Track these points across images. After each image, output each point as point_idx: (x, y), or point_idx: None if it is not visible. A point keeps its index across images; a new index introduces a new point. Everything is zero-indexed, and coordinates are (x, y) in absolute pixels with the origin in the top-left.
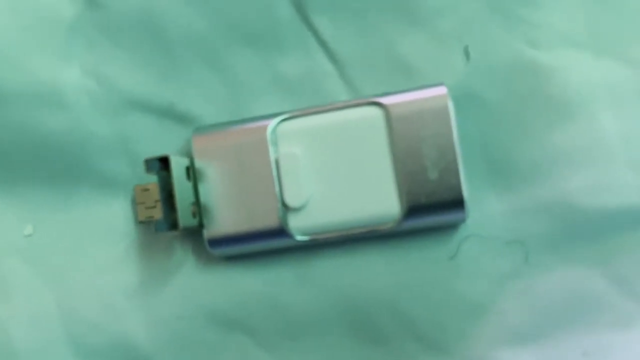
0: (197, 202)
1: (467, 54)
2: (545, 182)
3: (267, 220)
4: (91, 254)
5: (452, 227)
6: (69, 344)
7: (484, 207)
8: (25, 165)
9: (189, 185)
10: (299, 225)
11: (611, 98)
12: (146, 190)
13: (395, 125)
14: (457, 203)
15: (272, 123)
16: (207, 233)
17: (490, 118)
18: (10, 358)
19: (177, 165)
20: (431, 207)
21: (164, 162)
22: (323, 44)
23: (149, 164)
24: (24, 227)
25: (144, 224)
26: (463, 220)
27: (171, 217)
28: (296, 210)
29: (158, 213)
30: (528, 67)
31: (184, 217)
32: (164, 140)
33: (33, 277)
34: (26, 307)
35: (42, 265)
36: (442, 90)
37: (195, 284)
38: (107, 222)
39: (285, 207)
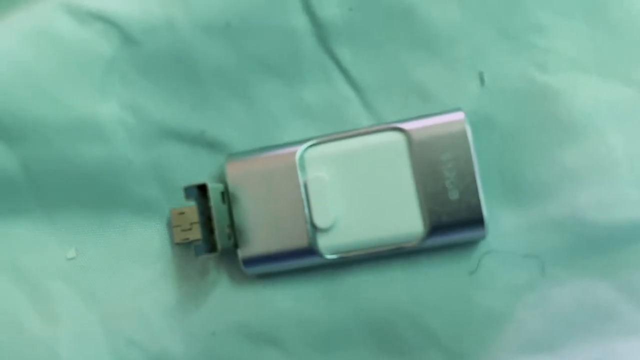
0: (231, 224)
1: (481, 79)
2: (557, 198)
3: (297, 240)
4: (130, 275)
5: (472, 243)
6: None
7: (501, 224)
8: (67, 193)
9: (224, 208)
10: (328, 245)
11: (617, 118)
12: (182, 213)
13: (417, 149)
14: (477, 221)
15: (300, 149)
16: (242, 253)
17: (504, 140)
18: None
19: (214, 191)
20: (452, 225)
21: (201, 189)
22: (344, 72)
23: (188, 191)
24: (67, 251)
25: (180, 246)
26: (483, 237)
27: (209, 240)
28: (324, 230)
29: (193, 235)
30: (538, 91)
31: (222, 239)
32: (195, 167)
33: (77, 299)
34: (71, 327)
35: (84, 287)
36: (459, 115)
37: (229, 301)
38: (144, 245)
39: (314, 227)
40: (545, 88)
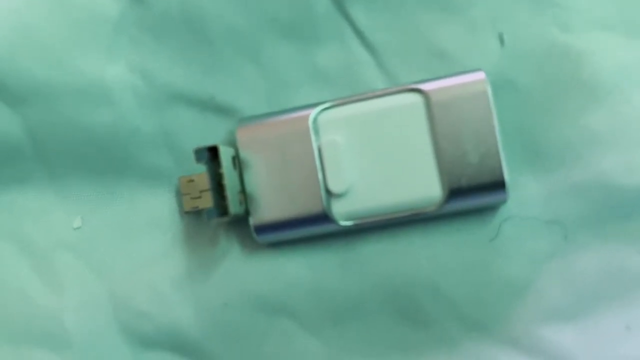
0: (243, 190)
1: (501, 40)
2: (580, 163)
3: (311, 206)
4: (138, 245)
5: (491, 209)
6: (120, 332)
7: (521, 189)
8: (73, 160)
9: (235, 174)
10: (342, 211)
11: None
12: (191, 181)
13: (436, 111)
14: (498, 185)
15: (313, 112)
16: (253, 220)
17: (525, 102)
18: (65, 347)
19: (225, 155)
20: (472, 189)
21: (212, 152)
22: (359, 34)
23: (199, 153)
24: (73, 220)
25: (189, 215)
26: (504, 202)
27: (221, 205)
28: (339, 196)
29: (203, 203)
30: (560, 51)
31: (234, 204)
32: (205, 133)
33: (84, 269)
34: (78, 297)
35: (91, 257)
36: (480, 75)
37: (241, 271)
38: (153, 213)
39: (329, 193)
40: (567, 48)
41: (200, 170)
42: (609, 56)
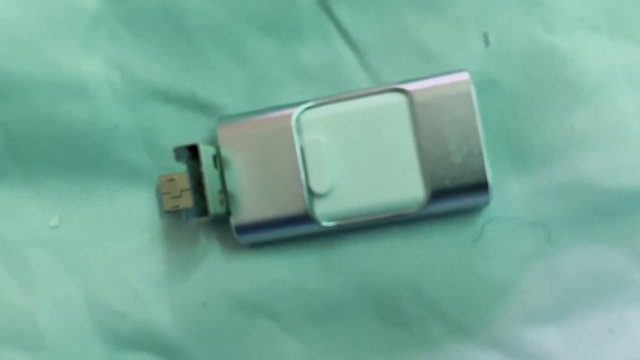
0: (224, 190)
1: (486, 40)
2: (565, 163)
3: (293, 206)
4: (116, 244)
5: (475, 210)
6: (96, 332)
7: (505, 190)
8: (49, 157)
9: (216, 173)
10: (325, 211)
11: (628, 80)
12: (171, 180)
13: (419, 111)
14: (481, 186)
15: (296, 111)
16: (234, 220)
17: (509, 102)
18: (39, 347)
19: (205, 154)
20: (455, 190)
21: (192, 151)
22: (343, 32)
23: (178, 152)
24: (50, 219)
25: (169, 214)
26: (487, 203)
27: (201, 205)
28: (321, 196)
29: (184, 202)
30: (545, 52)
31: (214, 204)
32: (185, 131)
33: (59, 268)
34: (52, 296)
35: (68, 256)
36: (464, 76)
37: (221, 271)
38: (132, 212)
39: (311, 193)
40: (552, 49)
41: (182, 169)
42: (594, 57)
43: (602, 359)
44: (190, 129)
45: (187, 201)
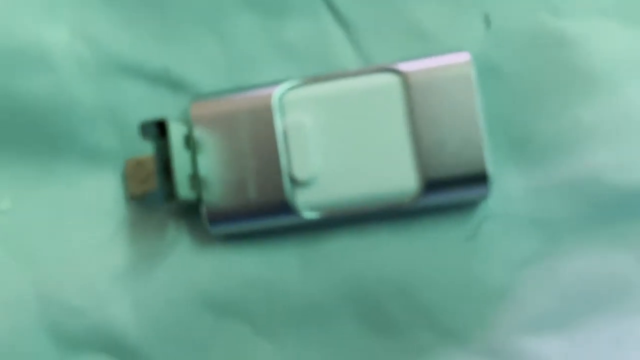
0: (195, 175)
1: (487, 21)
2: (570, 158)
3: (272, 194)
4: (74, 233)
5: (470, 205)
6: (46, 330)
7: (504, 184)
8: (3, 132)
9: (187, 155)
10: (307, 201)
11: (639, 69)
12: (139, 163)
13: (414, 94)
14: (480, 177)
15: (278, 89)
16: (206, 208)
17: (511, 90)
18: None
19: (176, 132)
20: (451, 181)
21: (161, 128)
22: (332, 7)
23: (145, 128)
24: (0, 201)
25: (135, 201)
26: (485, 197)
27: (168, 189)
28: (304, 184)
29: (151, 187)
30: (551, 38)
31: (182, 188)
32: (156, 110)
33: (7, 257)
34: None
35: (18, 244)
36: (465, 56)
37: (189, 266)
38: (93, 198)
39: (292, 180)
40: (558, 33)
41: (150, 152)
42: (604, 44)
43: None
44: (161, 109)
45: (153, 185)
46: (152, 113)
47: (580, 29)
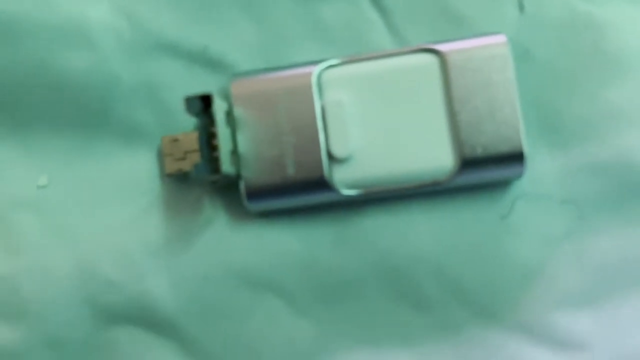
0: (235, 150)
1: (520, 5)
2: (601, 140)
3: (310, 171)
4: (111, 209)
5: (504, 185)
6: (83, 303)
7: (537, 165)
8: (42, 108)
9: (227, 132)
10: (344, 178)
11: None
12: (175, 140)
13: (452, 74)
14: (516, 156)
15: (317, 68)
16: (245, 184)
17: (543, 74)
18: (18, 317)
19: (219, 107)
20: (488, 160)
21: (205, 102)
22: None
23: (190, 102)
24: (38, 178)
25: (171, 178)
26: (520, 176)
27: (210, 163)
28: (342, 161)
29: (187, 165)
30: (583, 21)
31: (225, 162)
32: (192, 88)
33: (46, 231)
34: (37, 262)
35: (55, 219)
36: (501, 38)
37: (225, 241)
38: (129, 175)
39: (331, 157)
40: (590, 18)
41: (185, 129)
42: (635, 28)
43: (638, 346)
44: (198, 87)
45: (191, 164)
46: (189, 91)
47: (611, 14)
